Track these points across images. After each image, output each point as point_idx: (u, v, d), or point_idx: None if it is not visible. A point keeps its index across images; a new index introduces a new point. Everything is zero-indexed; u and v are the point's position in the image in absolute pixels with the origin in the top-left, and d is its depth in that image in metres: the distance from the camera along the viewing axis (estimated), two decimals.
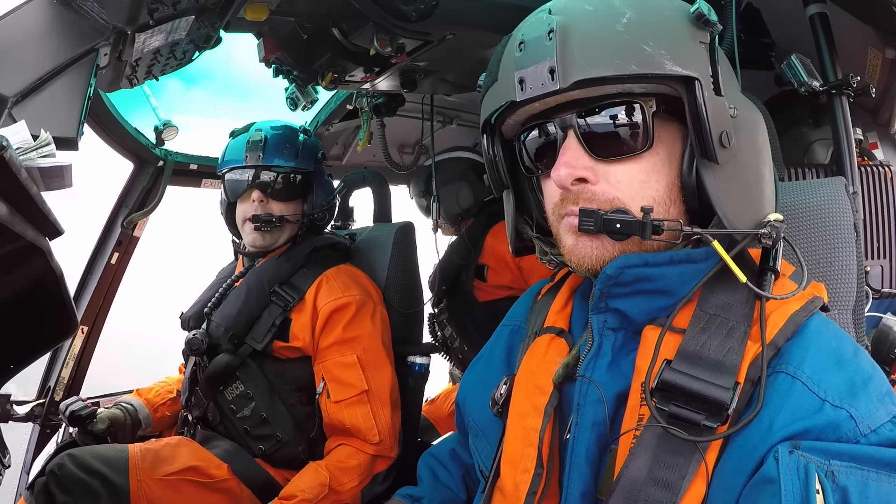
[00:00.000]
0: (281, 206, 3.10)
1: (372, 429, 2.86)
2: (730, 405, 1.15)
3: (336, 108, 4.18)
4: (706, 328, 1.26)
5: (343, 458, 2.85)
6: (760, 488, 1.08)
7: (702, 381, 1.18)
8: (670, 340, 1.28)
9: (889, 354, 2.09)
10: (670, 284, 1.31)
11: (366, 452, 2.86)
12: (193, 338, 3.01)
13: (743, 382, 1.18)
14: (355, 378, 2.90)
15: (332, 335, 2.95)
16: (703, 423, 1.16)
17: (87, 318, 3.74)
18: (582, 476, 1.30)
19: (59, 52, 1.92)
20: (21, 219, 1.23)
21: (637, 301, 1.31)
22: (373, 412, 2.89)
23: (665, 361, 1.24)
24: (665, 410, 1.20)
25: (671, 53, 1.22)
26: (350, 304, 3.00)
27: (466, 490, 1.88)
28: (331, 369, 2.93)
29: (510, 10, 2.48)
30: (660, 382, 1.21)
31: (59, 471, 2.55)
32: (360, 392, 2.88)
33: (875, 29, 2.61)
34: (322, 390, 2.93)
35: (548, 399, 1.39)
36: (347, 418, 2.87)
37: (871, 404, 1.12)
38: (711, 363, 1.20)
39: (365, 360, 2.95)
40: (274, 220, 3.06)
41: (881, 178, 2.45)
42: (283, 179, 3.09)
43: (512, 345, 1.71)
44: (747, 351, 1.21)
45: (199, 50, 2.80)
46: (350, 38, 2.73)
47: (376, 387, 2.93)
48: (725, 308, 1.28)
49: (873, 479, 1.04)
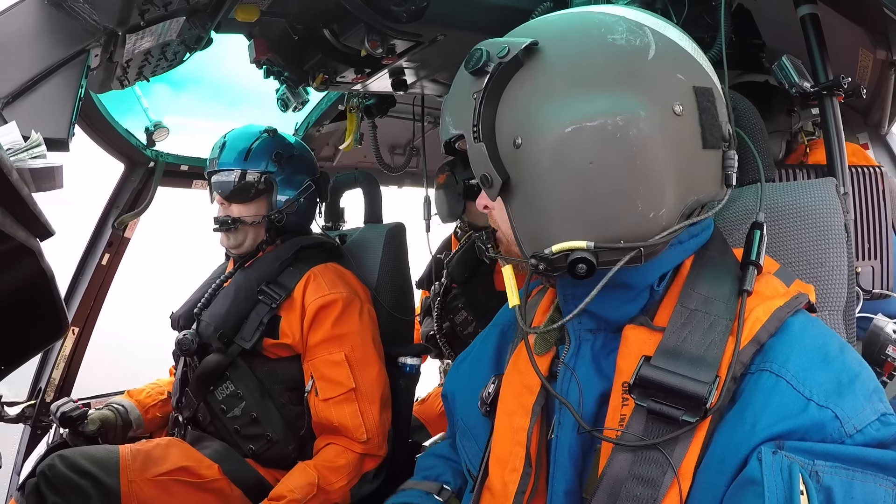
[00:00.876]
0: (240, 208, 3.11)
1: (359, 427, 2.86)
2: (708, 398, 1.15)
3: (327, 108, 4.18)
4: (687, 323, 1.27)
5: (331, 457, 2.85)
6: (743, 489, 1.08)
7: (679, 376, 1.19)
8: (650, 339, 1.28)
9: (880, 355, 2.10)
10: (626, 278, 1.32)
11: (354, 451, 2.86)
12: (184, 338, 3.01)
13: (725, 377, 1.18)
14: (343, 376, 2.89)
15: (320, 332, 2.95)
16: (682, 417, 1.17)
17: (78, 319, 3.73)
18: (565, 475, 1.32)
19: (50, 54, 1.91)
20: (12, 220, 1.23)
21: (600, 299, 1.29)
22: (360, 410, 2.88)
23: (643, 358, 1.25)
24: (644, 407, 1.20)
25: (453, 118, 1.39)
26: (337, 300, 3.00)
27: None
28: (319, 367, 2.93)
29: (501, 10, 2.49)
30: (637, 378, 1.22)
31: (50, 472, 2.54)
32: (347, 390, 2.88)
33: (866, 30, 2.62)
34: (311, 388, 2.93)
35: (535, 398, 1.40)
36: (335, 416, 2.86)
37: (857, 403, 1.12)
38: (691, 358, 1.21)
39: (353, 358, 2.94)
40: (229, 222, 3.08)
41: (872, 178, 2.45)
42: (237, 181, 3.09)
43: (501, 345, 1.71)
44: (729, 345, 1.21)
45: (190, 51, 2.80)
46: (341, 39, 2.72)
47: (364, 385, 2.93)
48: (707, 303, 1.29)
49: (858, 479, 1.04)
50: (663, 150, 1.23)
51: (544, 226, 1.28)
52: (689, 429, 1.16)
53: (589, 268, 1.22)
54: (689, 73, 1.29)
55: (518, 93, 1.29)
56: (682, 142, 1.26)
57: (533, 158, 1.26)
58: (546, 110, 1.25)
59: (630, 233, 1.24)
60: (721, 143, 1.33)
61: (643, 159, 1.21)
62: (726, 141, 1.35)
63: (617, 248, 1.23)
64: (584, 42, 1.28)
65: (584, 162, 1.22)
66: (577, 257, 1.22)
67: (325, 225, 3.93)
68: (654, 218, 1.24)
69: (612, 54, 1.26)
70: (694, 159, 1.29)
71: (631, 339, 1.31)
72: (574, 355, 1.39)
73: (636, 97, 1.23)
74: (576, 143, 1.22)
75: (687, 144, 1.27)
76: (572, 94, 1.25)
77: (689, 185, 1.29)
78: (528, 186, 1.29)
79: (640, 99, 1.23)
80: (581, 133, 1.22)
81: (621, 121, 1.21)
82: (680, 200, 1.27)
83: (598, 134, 1.21)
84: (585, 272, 1.23)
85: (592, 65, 1.26)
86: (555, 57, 1.28)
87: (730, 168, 1.34)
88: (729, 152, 1.35)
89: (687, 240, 1.36)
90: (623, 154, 1.21)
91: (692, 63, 1.31)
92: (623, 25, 1.28)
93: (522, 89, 1.29)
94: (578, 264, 1.22)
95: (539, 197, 1.27)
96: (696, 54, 1.33)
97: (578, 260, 1.22)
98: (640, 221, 1.24)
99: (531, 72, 1.29)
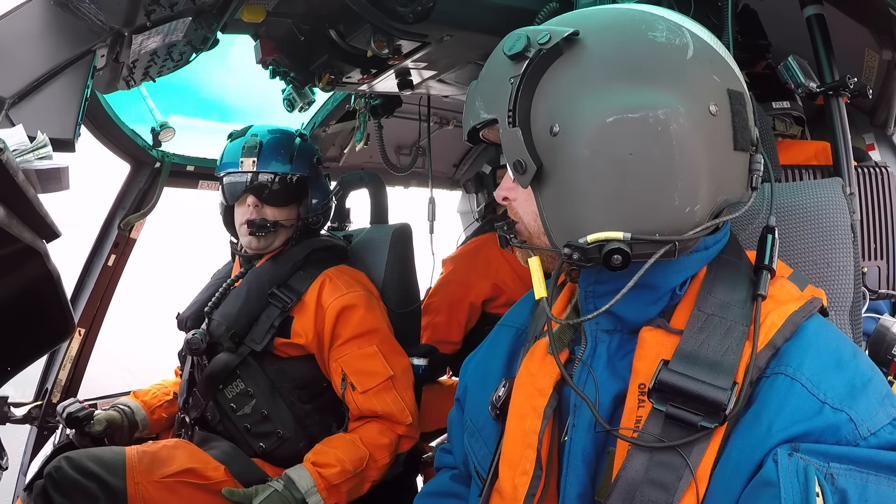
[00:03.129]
0: (275, 211, 3.10)
1: (403, 411, 2.93)
2: (727, 405, 1.15)
3: (333, 109, 4.18)
4: (704, 328, 1.27)
5: (376, 434, 2.90)
6: (760, 491, 1.08)
7: (699, 382, 1.18)
8: (667, 341, 1.29)
9: (886, 355, 2.09)
10: (652, 279, 1.32)
11: (395, 431, 2.93)
12: (193, 337, 3.02)
13: (741, 383, 1.18)
14: (379, 366, 2.94)
15: (348, 330, 2.98)
16: (701, 423, 1.16)
17: (85, 320, 3.73)
18: (579, 478, 1.31)
19: (56, 54, 1.91)
20: (18, 221, 1.23)
21: (623, 299, 1.30)
22: (400, 396, 2.95)
23: (662, 362, 1.24)
24: (662, 411, 1.20)
25: (485, 101, 1.39)
26: (358, 299, 3.04)
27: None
28: (351, 362, 2.96)
29: (507, 11, 2.49)
30: (657, 383, 1.22)
31: (57, 474, 2.55)
32: (386, 378, 2.93)
33: (872, 31, 2.62)
34: (345, 386, 2.95)
35: (547, 401, 1.39)
36: (379, 405, 2.91)
37: (870, 407, 1.12)
38: (709, 363, 1.21)
39: (384, 349, 3.00)
40: (268, 226, 3.07)
41: (878, 179, 2.45)
42: (278, 184, 3.09)
43: (515, 348, 1.70)
44: (745, 351, 1.21)
45: (196, 51, 2.80)
46: (347, 39, 2.73)
47: (399, 372, 2.99)
48: (724, 308, 1.29)
49: (872, 481, 1.04)
50: (700, 147, 1.24)
51: (579, 215, 1.29)
52: (707, 433, 1.16)
53: (624, 259, 1.22)
54: (723, 76, 1.30)
55: (557, 81, 1.30)
56: (715, 141, 1.27)
57: (571, 146, 1.26)
58: (587, 99, 1.26)
59: (665, 227, 1.25)
60: (749, 147, 1.34)
61: (682, 154, 1.22)
62: (754, 145, 1.36)
63: (653, 241, 1.24)
64: (626, 36, 1.29)
65: (625, 152, 1.23)
66: (613, 248, 1.22)
67: (331, 225, 3.94)
68: (689, 213, 1.25)
69: (653, 50, 1.27)
70: (726, 159, 1.30)
71: (648, 341, 1.31)
72: (591, 355, 1.39)
73: (676, 94, 1.24)
74: (617, 134, 1.23)
75: (720, 144, 1.28)
76: (613, 85, 1.26)
77: (721, 184, 1.30)
78: (563, 175, 1.29)
79: (679, 96, 1.24)
80: (622, 124, 1.23)
81: (662, 115, 1.22)
82: (711, 199, 1.28)
83: (639, 126, 1.22)
84: (621, 263, 1.23)
85: (634, 59, 1.27)
86: (596, 48, 1.29)
87: (756, 171, 1.36)
88: (756, 156, 1.36)
89: (712, 245, 1.37)
90: (663, 147, 1.22)
91: (726, 66, 1.32)
92: (663, 24, 1.30)
93: (561, 78, 1.30)
94: (614, 255, 1.22)
95: (575, 186, 1.28)
96: (729, 58, 1.35)
97: (614, 251, 1.22)
98: (676, 215, 1.25)
99: (571, 61, 1.29)
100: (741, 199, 1.35)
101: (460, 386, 1.86)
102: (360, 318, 2.99)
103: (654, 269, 1.29)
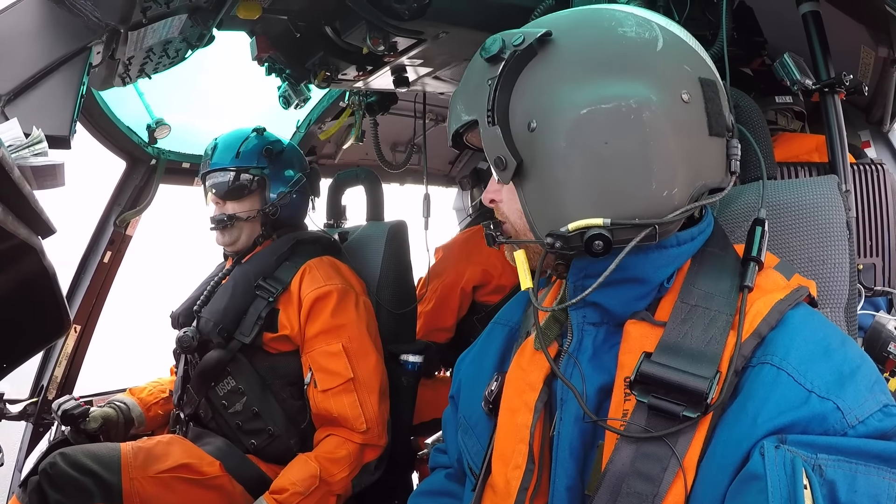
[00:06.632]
0: (234, 206, 3.17)
1: (359, 417, 2.88)
2: (709, 394, 1.15)
3: (328, 106, 4.18)
4: (687, 319, 1.28)
5: (332, 448, 2.87)
6: (747, 484, 1.08)
7: (680, 372, 1.19)
8: (651, 334, 1.30)
9: (882, 352, 2.09)
10: (642, 272, 1.33)
11: (354, 442, 2.88)
12: (184, 335, 3.03)
13: (726, 372, 1.18)
14: (341, 366, 2.91)
15: (317, 324, 2.98)
16: (683, 413, 1.17)
17: (80, 316, 3.73)
18: (567, 471, 1.32)
19: (52, 51, 1.91)
20: (13, 217, 1.23)
21: (612, 292, 1.33)
22: (359, 400, 2.90)
23: (644, 354, 1.26)
24: (645, 403, 1.21)
25: (465, 104, 1.43)
26: (332, 292, 3.02)
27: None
28: (317, 359, 2.95)
29: (502, 8, 2.49)
30: (638, 375, 1.23)
31: (52, 469, 2.54)
32: (345, 380, 2.90)
33: (868, 27, 2.62)
34: (310, 381, 2.96)
35: (537, 395, 1.40)
36: (334, 407, 2.88)
37: (859, 394, 1.12)
38: (692, 353, 1.22)
39: (350, 349, 2.96)
40: (225, 220, 3.14)
41: (874, 176, 2.45)
42: (231, 180, 3.16)
43: (508, 345, 1.70)
44: (730, 340, 1.22)
45: (192, 48, 2.80)
46: (343, 36, 2.73)
47: (362, 375, 2.95)
48: (708, 298, 1.30)
49: (861, 471, 1.04)
50: (674, 134, 1.27)
51: (560, 205, 1.31)
52: (691, 424, 1.17)
53: (605, 244, 1.25)
54: (694, 66, 1.33)
55: (532, 79, 1.33)
56: (689, 127, 1.30)
57: (549, 140, 1.29)
58: (561, 95, 1.30)
59: (644, 211, 1.27)
60: (725, 132, 1.37)
61: (655, 140, 1.25)
62: (729, 131, 1.39)
63: (633, 226, 1.26)
64: (596, 33, 1.33)
65: (600, 142, 1.26)
66: (594, 234, 1.25)
67: (326, 222, 3.95)
68: (666, 197, 1.27)
69: (623, 44, 1.31)
70: (701, 145, 1.32)
71: (632, 334, 1.32)
72: (577, 348, 1.40)
73: (647, 84, 1.27)
74: (591, 125, 1.26)
75: (694, 130, 1.31)
76: (586, 80, 1.29)
77: (698, 168, 1.32)
78: (542, 168, 1.32)
79: (651, 86, 1.27)
80: (596, 115, 1.26)
81: (635, 104, 1.25)
82: (689, 183, 1.30)
83: (612, 115, 1.25)
84: (602, 249, 1.25)
85: (605, 53, 1.30)
86: (568, 46, 1.33)
87: (733, 156, 1.38)
88: (732, 141, 1.39)
89: (698, 235, 1.38)
90: (637, 134, 1.25)
91: (696, 57, 1.36)
92: (632, 20, 1.34)
93: (537, 76, 1.33)
94: (595, 241, 1.25)
95: (554, 177, 1.30)
96: (700, 50, 1.38)
97: (595, 237, 1.25)
98: (654, 200, 1.27)
99: (545, 60, 1.33)
100: (721, 183, 1.37)
101: (454, 383, 1.87)
102: (330, 311, 2.99)
103: (643, 262, 1.32)
